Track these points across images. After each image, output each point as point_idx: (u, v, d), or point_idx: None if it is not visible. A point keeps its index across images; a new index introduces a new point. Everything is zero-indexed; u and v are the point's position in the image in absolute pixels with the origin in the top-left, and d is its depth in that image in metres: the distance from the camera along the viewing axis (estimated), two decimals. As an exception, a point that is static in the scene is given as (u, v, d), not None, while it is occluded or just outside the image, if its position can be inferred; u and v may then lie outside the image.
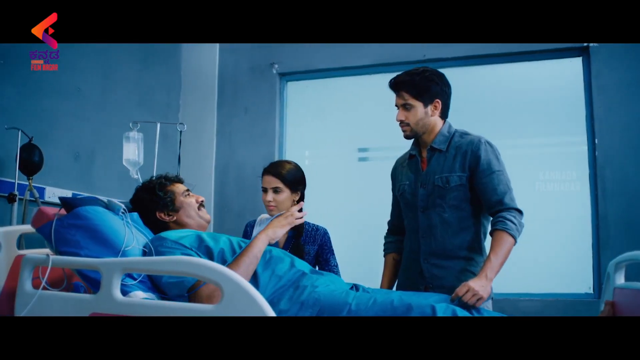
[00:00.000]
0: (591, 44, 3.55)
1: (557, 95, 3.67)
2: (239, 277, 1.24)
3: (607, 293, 2.06)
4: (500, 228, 2.04)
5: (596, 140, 3.46)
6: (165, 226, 2.00)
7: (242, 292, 1.21)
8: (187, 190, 2.10)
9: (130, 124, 3.20)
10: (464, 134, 2.22)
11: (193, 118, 4.20)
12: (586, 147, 3.55)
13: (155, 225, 2.00)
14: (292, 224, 1.98)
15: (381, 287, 2.35)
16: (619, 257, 2.02)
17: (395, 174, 2.41)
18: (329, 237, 2.47)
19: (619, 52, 3.50)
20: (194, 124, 4.10)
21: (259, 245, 1.81)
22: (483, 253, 2.18)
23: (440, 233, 2.15)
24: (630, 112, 3.43)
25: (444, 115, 2.24)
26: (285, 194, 2.36)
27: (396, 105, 2.23)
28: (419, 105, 2.17)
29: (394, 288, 2.36)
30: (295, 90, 4.30)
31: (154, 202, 2.01)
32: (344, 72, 4.15)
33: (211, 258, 1.79)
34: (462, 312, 1.62)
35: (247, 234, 2.51)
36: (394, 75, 2.23)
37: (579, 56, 3.65)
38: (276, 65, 4.20)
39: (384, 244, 2.47)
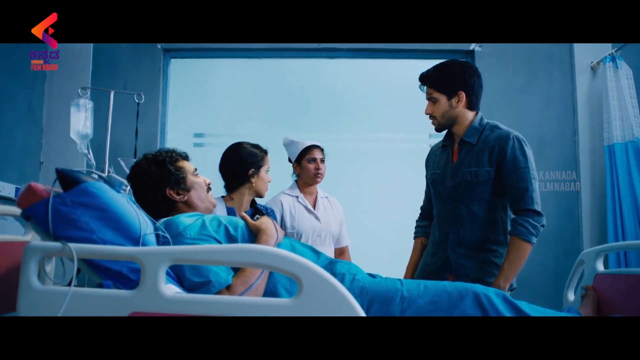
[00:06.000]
0: (476, 48, 3.79)
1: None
2: (320, 269, 1.09)
3: (575, 279, 2.29)
4: (513, 233, 2.10)
5: (479, 139, 3.69)
6: (169, 208, 1.80)
7: (324, 285, 1.07)
8: (196, 169, 1.92)
9: (79, 91, 2.79)
10: (494, 127, 2.23)
11: (62, 90, 3.74)
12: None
13: (155, 206, 1.76)
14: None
15: (408, 267, 2.43)
16: (600, 247, 2.25)
17: (428, 161, 2.46)
18: (275, 217, 2.60)
19: (500, 57, 3.78)
20: (64, 98, 3.64)
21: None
22: (507, 245, 2.22)
23: (468, 224, 2.18)
24: (510, 113, 3.72)
25: (472, 106, 2.25)
26: None
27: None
28: (442, 98, 2.22)
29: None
30: (178, 69, 4.05)
31: (165, 177, 1.80)
32: (233, 54, 3.99)
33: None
34: (509, 297, 1.64)
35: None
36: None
37: (464, 58, 3.87)
38: (160, 40, 3.89)
39: (415, 227, 2.52)
